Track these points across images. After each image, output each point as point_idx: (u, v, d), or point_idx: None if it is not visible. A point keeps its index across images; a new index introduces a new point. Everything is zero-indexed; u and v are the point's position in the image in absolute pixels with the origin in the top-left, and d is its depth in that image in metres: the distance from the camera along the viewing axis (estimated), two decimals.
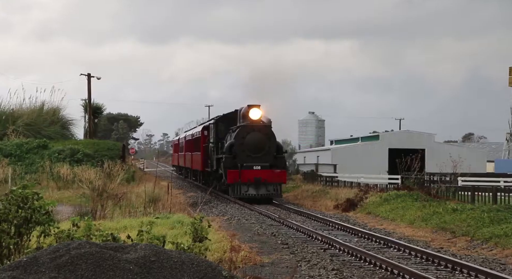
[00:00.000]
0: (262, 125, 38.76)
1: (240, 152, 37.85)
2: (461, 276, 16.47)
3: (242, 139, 38.06)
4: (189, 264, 11.80)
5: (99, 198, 28.72)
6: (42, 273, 11.32)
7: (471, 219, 25.25)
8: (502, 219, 24.30)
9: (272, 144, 38.62)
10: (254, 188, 37.10)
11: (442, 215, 27.26)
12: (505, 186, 43.66)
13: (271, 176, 37.22)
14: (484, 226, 23.72)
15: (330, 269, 17.08)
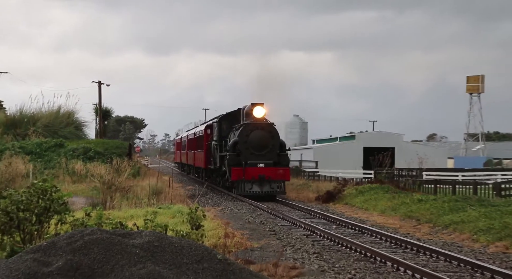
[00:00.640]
0: (266, 123, 35.24)
1: (244, 150, 34.33)
2: (425, 257, 16.64)
3: (246, 137, 34.51)
4: (188, 248, 11.89)
5: (109, 190, 28.77)
6: (60, 255, 11.42)
7: (433, 208, 25.51)
8: (459, 208, 24.53)
9: (275, 142, 35.04)
10: (258, 185, 33.74)
11: (409, 205, 27.47)
12: (463, 179, 43.84)
13: (275, 173, 33.82)
14: (445, 214, 23.98)
15: (312, 252, 17.20)
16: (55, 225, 15.70)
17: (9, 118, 57.26)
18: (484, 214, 22.47)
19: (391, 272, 14.57)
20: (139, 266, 11.23)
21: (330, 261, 15.84)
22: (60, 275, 11.08)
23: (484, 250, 18.40)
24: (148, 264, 11.28)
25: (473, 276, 14.27)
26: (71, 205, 18.24)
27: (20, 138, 53.00)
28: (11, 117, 57.54)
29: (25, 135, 53.77)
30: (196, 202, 21.53)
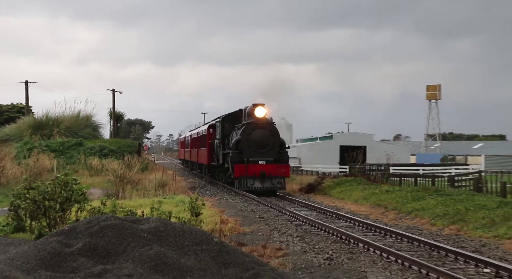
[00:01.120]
0: (267, 123, 32.44)
1: (246, 148, 31.62)
2: (391, 239, 16.70)
3: (248, 135, 31.78)
4: (189, 232, 11.90)
5: (121, 183, 28.72)
6: (79, 238, 11.44)
7: (398, 197, 25.59)
8: (420, 197, 24.67)
9: (276, 140, 32.27)
10: (260, 181, 31.09)
11: (378, 195, 27.56)
12: (423, 173, 44.02)
13: (275, 170, 31.22)
14: (408, 203, 24.08)
15: (295, 236, 17.22)
16: (75, 212, 15.76)
17: (37, 121, 57.29)
18: (440, 202, 22.59)
19: (363, 252, 14.62)
20: (147, 247, 11.24)
21: (311, 243, 15.87)
22: (80, 254, 11.10)
23: (440, 232, 18.49)
24: (154, 246, 11.29)
25: (431, 254, 14.34)
26: (89, 195, 18.26)
27: (46, 138, 52.96)
28: (39, 120, 57.56)
29: (50, 135, 53.81)
30: (196, 193, 21.51)
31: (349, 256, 13.94)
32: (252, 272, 11.21)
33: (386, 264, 13.04)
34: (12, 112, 68.76)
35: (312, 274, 11.96)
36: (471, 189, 28.86)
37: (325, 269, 12.32)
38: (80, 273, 10.66)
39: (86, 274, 10.64)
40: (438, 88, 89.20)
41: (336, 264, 12.99)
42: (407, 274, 11.92)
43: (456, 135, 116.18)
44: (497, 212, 19.11)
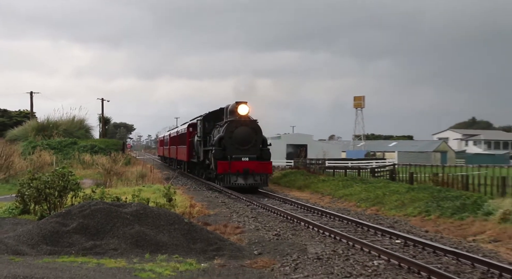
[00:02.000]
0: (250, 120, 27.64)
1: (229, 145, 26.82)
2: (326, 218, 16.74)
3: (231, 132, 26.97)
4: (164, 214, 11.83)
5: (108, 174, 28.44)
6: (74, 219, 11.33)
7: (332, 185, 25.67)
8: (349, 185, 24.78)
9: (258, 137, 27.31)
10: (243, 178, 26.24)
11: (316, 184, 27.65)
12: (351, 165, 44.48)
13: (258, 167, 26.44)
14: (339, 189, 24.20)
15: (250, 217, 17.17)
16: (71, 198, 15.56)
17: (40, 124, 56.42)
18: (364, 189, 22.79)
19: (304, 229, 14.66)
20: (129, 227, 11.15)
21: (263, 223, 15.84)
22: (75, 232, 10.99)
23: (364, 212, 18.67)
24: (135, 226, 11.20)
25: (356, 229, 14.46)
26: (82, 185, 17.98)
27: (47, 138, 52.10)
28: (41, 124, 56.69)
29: (50, 136, 52.99)
30: (170, 183, 21.29)
31: (293, 232, 13.96)
32: (215, 246, 11.18)
33: (322, 238, 13.11)
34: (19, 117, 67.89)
35: (263, 247, 11.95)
36: (387, 178, 29.22)
37: (274, 243, 12.33)
38: (75, 247, 10.55)
39: (80, 248, 10.53)
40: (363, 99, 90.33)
41: (283, 239, 13.00)
42: (338, 245, 12.01)
43: (376, 136, 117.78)
44: (406, 196, 19.38)
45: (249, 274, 9.23)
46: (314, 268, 9.77)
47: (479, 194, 18.54)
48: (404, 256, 10.28)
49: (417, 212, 17.15)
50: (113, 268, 9.05)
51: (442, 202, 17.18)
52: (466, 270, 9.57)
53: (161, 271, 8.94)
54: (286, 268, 9.85)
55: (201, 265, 9.77)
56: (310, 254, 10.95)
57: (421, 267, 9.30)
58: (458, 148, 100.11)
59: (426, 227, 15.08)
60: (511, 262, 10.32)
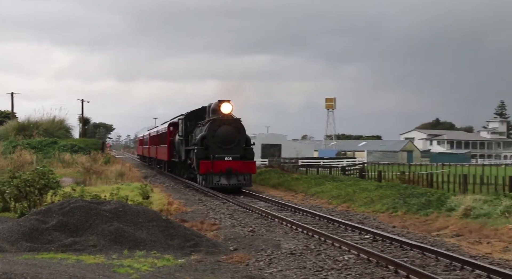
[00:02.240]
0: (233, 119, 25.66)
1: (212, 144, 24.79)
2: (299, 215, 16.77)
3: (213, 131, 24.96)
4: (142, 212, 11.72)
5: (88, 173, 28.12)
6: (54, 217, 11.17)
7: (305, 183, 25.64)
8: (321, 183, 24.76)
9: (242, 137, 25.43)
10: (226, 178, 24.27)
11: (289, 182, 27.60)
12: (323, 164, 44.72)
13: (241, 166, 24.54)
14: (312, 187, 24.19)
15: (226, 214, 17.11)
16: (50, 196, 15.35)
17: (20, 124, 55.49)
18: (335, 186, 22.88)
19: (278, 225, 14.66)
20: (108, 224, 11.02)
21: (238, 219, 15.81)
22: (54, 229, 10.83)
23: (335, 209, 18.77)
24: (114, 223, 11.07)
25: (328, 225, 14.51)
26: (62, 183, 17.74)
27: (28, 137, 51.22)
28: (22, 123, 55.76)
29: (31, 135, 52.14)
30: (148, 181, 21.10)
31: (268, 229, 13.95)
32: (192, 242, 11.12)
33: (295, 234, 13.13)
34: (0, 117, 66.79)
35: (239, 243, 11.92)
36: (357, 176, 29.43)
37: (249, 239, 12.31)
38: (54, 244, 10.39)
39: (59, 244, 10.37)
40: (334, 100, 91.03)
41: (258, 235, 12.99)
42: (310, 241, 12.04)
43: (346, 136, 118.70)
44: (375, 193, 19.54)
45: (225, 269, 9.19)
46: (287, 263, 9.78)
47: (443, 191, 18.82)
48: (372, 250, 10.35)
49: (385, 208, 17.30)
50: (92, 264, 8.93)
51: (408, 199, 17.37)
52: (430, 263, 9.69)
53: (139, 267, 8.85)
54: (261, 263, 9.84)
55: (178, 261, 9.70)
56: (284, 250, 10.95)
57: (388, 261, 9.39)
58: (423, 147, 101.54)
59: (393, 222, 15.23)
60: (472, 255, 10.48)
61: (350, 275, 8.76)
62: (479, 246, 11.53)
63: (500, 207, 13.83)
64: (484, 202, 14.64)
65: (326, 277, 8.71)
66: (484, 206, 14.29)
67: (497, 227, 12.71)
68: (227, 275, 8.70)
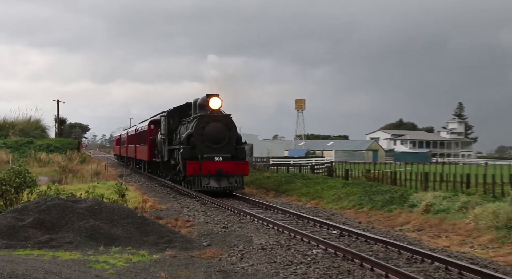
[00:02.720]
0: (222, 115, 22.37)
1: (200, 143, 21.66)
2: (270, 212, 16.77)
3: (201, 129, 21.74)
4: (117, 209, 11.62)
5: (64, 172, 27.71)
6: (30, 214, 11.01)
7: (276, 181, 25.61)
8: (291, 181, 24.71)
9: (233, 134, 22.25)
10: (216, 180, 21.17)
11: (261, 180, 27.49)
12: (293, 163, 44.90)
13: (233, 167, 21.35)
14: (282, 185, 24.15)
15: (200, 211, 17.05)
16: (27, 194, 15.07)
17: None
18: (304, 184, 22.98)
19: (250, 222, 14.70)
20: (84, 221, 10.89)
21: (212, 216, 15.78)
22: (31, 227, 10.66)
23: (304, 206, 18.89)
24: (90, 220, 10.95)
25: (297, 221, 14.60)
26: (38, 182, 17.42)
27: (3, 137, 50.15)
28: None
29: (7, 135, 51.06)
30: (123, 180, 20.87)
31: (240, 225, 13.97)
32: (166, 239, 11.07)
33: (266, 230, 13.18)
34: None
35: (212, 239, 11.92)
36: (325, 174, 29.63)
37: (222, 235, 12.32)
38: (31, 241, 10.23)
39: (36, 241, 10.22)
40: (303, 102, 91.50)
41: (230, 231, 13.00)
42: (280, 236, 12.11)
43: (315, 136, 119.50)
44: (342, 190, 19.73)
45: (198, 264, 9.18)
46: (258, 258, 9.82)
47: (405, 188, 19.12)
48: (339, 245, 10.47)
49: (351, 205, 17.50)
50: (68, 260, 8.82)
51: (373, 196, 17.60)
52: (393, 257, 9.86)
53: (114, 263, 8.77)
54: (233, 258, 9.86)
55: (153, 257, 9.65)
56: (255, 245, 10.99)
57: (354, 254, 9.51)
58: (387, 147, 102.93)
59: (359, 218, 15.43)
60: (431, 249, 10.70)
61: (318, 269, 8.85)
62: (439, 240, 11.78)
63: (458, 203, 14.14)
64: (444, 199, 14.93)
65: (295, 270, 8.78)
66: (444, 202, 14.58)
67: (455, 222, 13.00)
68: (201, 270, 8.69)
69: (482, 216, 12.23)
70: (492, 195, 16.31)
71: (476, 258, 9.84)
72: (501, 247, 10.67)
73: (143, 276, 7.98)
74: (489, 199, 14.62)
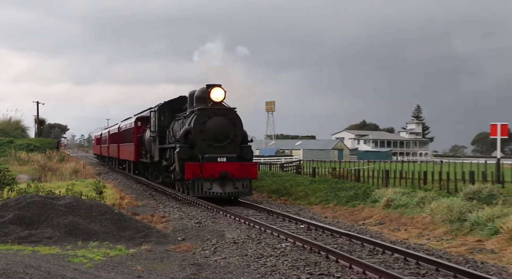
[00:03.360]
0: (226, 108, 18.39)
1: (200, 141, 17.85)
2: (241, 207, 16.60)
3: (202, 124, 17.93)
4: (95, 206, 11.47)
5: (43, 170, 27.24)
6: (10, 211, 10.79)
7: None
8: (261, 178, 23.68)
9: (238, 131, 18.29)
10: (219, 184, 17.29)
11: None
12: (264, 161, 44.95)
13: (240, 170, 17.47)
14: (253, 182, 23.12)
15: (175, 207, 16.93)
16: (7, 192, 14.73)
17: None
18: (274, 181, 22.90)
19: (222, 217, 14.66)
20: (63, 217, 10.73)
21: (186, 212, 15.68)
22: (11, 223, 10.46)
23: (274, 202, 18.86)
24: (69, 216, 10.79)
25: (268, 217, 14.61)
26: (18, 180, 17.08)
27: None
28: None
29: None
30: (101, 178, 20.60)
31: (213, 220, 13.93)
32: (143, 234, 10.97)
33: (238, 225, 13.17)
34: None
35: (186, 233, 11.87)
36: (294, 172, 29.76)
37: (196, 230, 12.27)
38: (11, 237, 10.04)
39: (15, 237, 10.04)
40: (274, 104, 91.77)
41: (204, 226, 12.96)
42: (251, 231, 12.13)
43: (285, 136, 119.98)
44: (310, 187, 19.79)
45: (173, 258, 9.14)
46: (230, 251, 9.82)
47: (368, 185, 19.36)
48: (307, 238, 10.55)
49: (318, 201, 17.62)
50: (47, 255, 8.68)
51: (338, 192, 17.76)
52: (357, 249, 9.99)
53: (92, 257, 8.67)
54: (206, 252, 9.84)
55: (130, 251, 9.57)
56: (228, 239, 10.99)
57: (320, 247, 9.61)
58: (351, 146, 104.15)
59: (325, 213, 15.57)
60: (392, 241, 10.89)
61: (287, 261, 8.91)
62: (398, 233, 11.99)
63: (416, 198, 14.40)
64: (403, 194, 15.18)
65: (265, 263, 8.82)
66: (403, 198, 14.83)
67: (413, 216, 13.25)
68: (175, 263, 8.66)
69: (438, 210, 12.49)
70: (447, 191, 16.69)
71: (432, 249, 10.05)
72: (454, 239, 10.94)
73: (120, 269, 7.91)
74: (444, 194, 14.94)
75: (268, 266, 8.55)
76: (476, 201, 12.85)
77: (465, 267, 8.12)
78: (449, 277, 7.70)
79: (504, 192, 14.09)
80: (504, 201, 12.45)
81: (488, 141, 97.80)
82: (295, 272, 8.13)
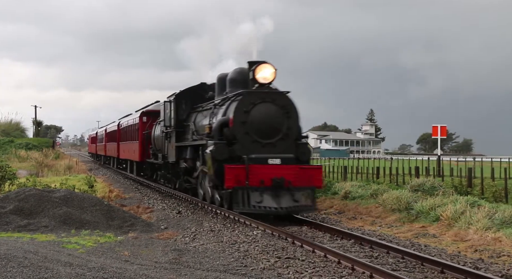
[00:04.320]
0: (277, 92, 11.22)
1: (243, 136, 10.89)
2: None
3: (245, 114, 10.87)
4: (87, 198, 11.36)
5: (40, 166, 26.83)
6: (11, 203, 10.65)
7: None
8: None
9: (293, 123, 11.24)
10: (273, 196, 10.18)
11: None
12: None
13: (299, 176, 10.50)
14: None
15: (159, 199, 16.81)
16: (8, 186, 14.47)
17: None
18: None
19: (201, 208, 14.63)
20: (58, 208, 10.60)
21: (168, 204, 15.59)
22: (11, 213, 10.32)
23: None
24: (63, 207, 10.66)
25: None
26: (18, 175, 16.77)
27: None
28: None
29: None
30: (92, 173, 20.33)
31: (192, 211, 13.87)
32: (129, 223, 10.91)
33: (215, 215, 13.16)
34: None
35: (168, 222, 11.84)
36: None
37: (177, 219, 12.25)
38: (11, 225, 9.92)
39: (16, 226, 9.92)
40: None
41: (184, 216, 12.92)
42: (227, 220, 12.14)
43: None
44: None
45: (157, 244, 9.12)
46: (208, 238, 9.84)
47: (329, 179, 19.63)
48: (275, 227, 10.65)
49: None
50: (44, 241, 8.58)
51: None
52: (319, 236, 10.13)
53: (84, 243, 8.61)
54: (186, 238, 9.84)
55: (118, 238, 9.51)
56: (205, 228, 10.99)
57: (287, 234, 9.71)
58: (314, 145, 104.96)
59: None
60: (349, 228, 11.10)
61: (258, 246, 8.98)
62: (355, 221, 12.22)
63: (370, 190, 14.68)
64: (359, 187, 15.46)
65: (238, 248, 8.87)
66: (359, 190, 15.10)
67: (368, 206, 13.52)
68: (159, 248, 8.65)
69: (388, 201, 12.77)
70: (396, 184, 17.08)
71: (383, 235, 10.28)
72: (402, 226, 11.22)
73: (109, 254, 7.87)
74: (393, 187, 15.29)
75: (241, 251, 8.59)
76: (421, 193, 13.20)
77: (411, 250, 8.37)
78: (398, 259, 7.92)
79: (443, 184, 14.52)
80: (443, 192, 12.81)
81: (430, 141, 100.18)
82: (265, 256, 8.21)
